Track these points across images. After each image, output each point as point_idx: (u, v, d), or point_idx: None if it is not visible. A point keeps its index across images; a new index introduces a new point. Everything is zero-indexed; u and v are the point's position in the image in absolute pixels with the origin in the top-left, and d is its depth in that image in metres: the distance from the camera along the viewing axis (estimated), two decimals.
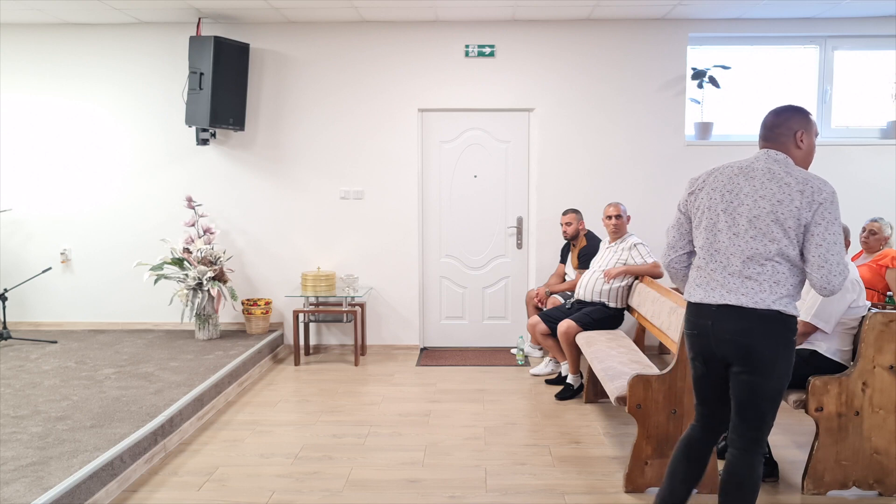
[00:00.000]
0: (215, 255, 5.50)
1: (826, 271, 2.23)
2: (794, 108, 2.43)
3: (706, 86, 5.59)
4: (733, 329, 2.32)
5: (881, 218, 4.62)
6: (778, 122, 2.42)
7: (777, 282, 2.29)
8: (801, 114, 2.42)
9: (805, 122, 2.41)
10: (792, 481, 3.26)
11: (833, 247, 2.23)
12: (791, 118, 2.41)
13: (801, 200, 2.26)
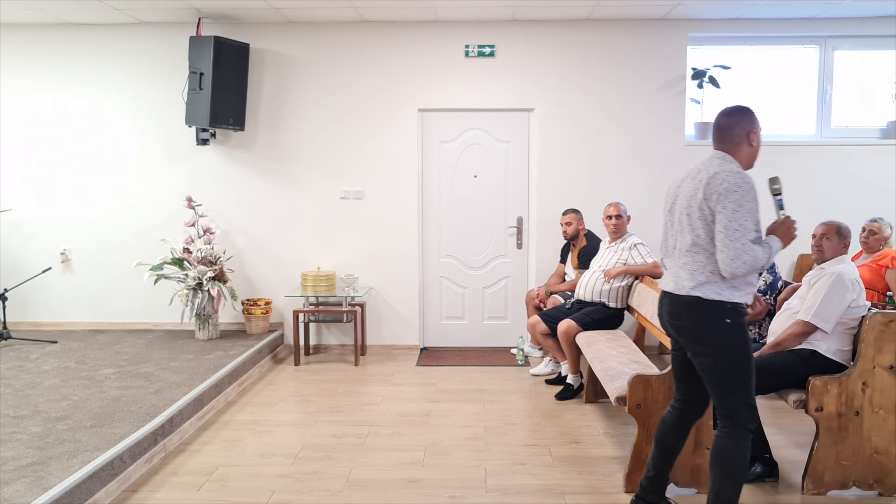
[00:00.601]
0: (215, 255, 5.50)
1: (725, 255, 2.44)
2: (743, 109, 2.65)
3: (706, 86, 5.59)
4: (668, 313, 2.69)
5: (881, 218, 4.62)
6: (731, 123, 2.62)
7: (695, 270, 2.56)
8: (750, 114, 2.64)
9: (754, 121, 2.64)
10: (792, 481, 3.26)
11: (733, 233, 2.43)
12: (743, 119, 2.62)
13: (704, 192, 2.51)
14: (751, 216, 2.45)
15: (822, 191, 5.70)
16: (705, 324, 2.55)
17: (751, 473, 3.24)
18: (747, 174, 2.51)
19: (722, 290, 2.53)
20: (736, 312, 2.54)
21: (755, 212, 2.47)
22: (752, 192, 2.46)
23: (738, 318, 2.55)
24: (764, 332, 3.97)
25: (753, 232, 2.46)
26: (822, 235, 3.32)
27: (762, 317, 3.99)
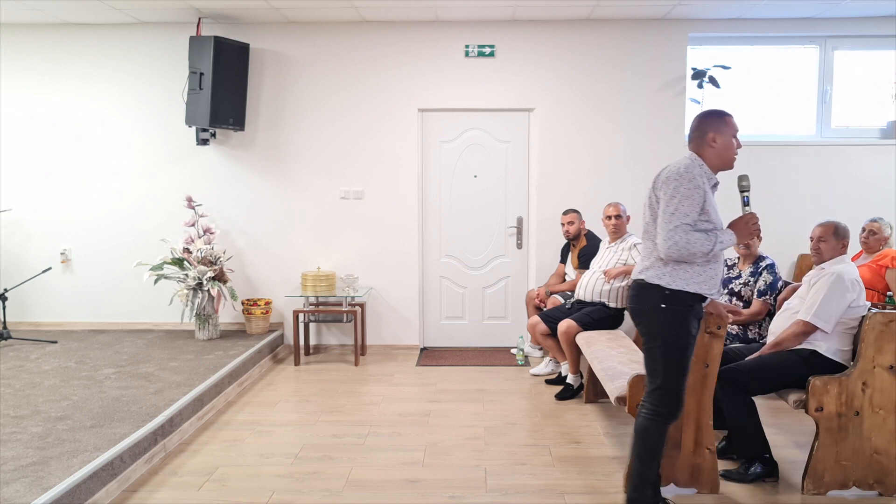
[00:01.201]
0: (215, 255, 5.50)
1: (659, 237, 2.65)
2: (710, 113, 2.77)
3: (706, 86, 5.59)
4: (626, 297, 2.92)
5: (881, 218, 4.63)
6: (695, 125, 2.78)
7: (645, 255, 2.79)
8: (714, 116, 2.76)
9: (717, 123, 2.74)
10: (792, 481, 3.26)
11: (668, 217, 2.62)
12: (704, 122, 2.76)
13: (654, 183, 2.75)
14: (688, 202, 2.60)
15: (822, 191, 5.70)
16: (642, 305, 2.74)
17: (751, 473, 3.24)
18: (693, 167, 2.66)
19: (662, 275, 2.68)
20: (675, 299, 2.67)
21: (694, 199, 2.60)
22: (691, 181, 2.61)
23: (675, 306, 2.67)
24: (764, 332, 3.97)
25: (689, 217, 2.60)
26: (820, 237, 3.32)
27: (762, 317, 3.99)
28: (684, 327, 2.68)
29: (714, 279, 2.72)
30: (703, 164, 2.72)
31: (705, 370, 3.07)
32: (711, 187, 2.73)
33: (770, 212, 5.63)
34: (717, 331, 3.03)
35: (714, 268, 2.72)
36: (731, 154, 2.75)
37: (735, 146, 2.76)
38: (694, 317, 2.73)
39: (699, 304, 2.74)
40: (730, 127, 2.75)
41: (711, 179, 2.74)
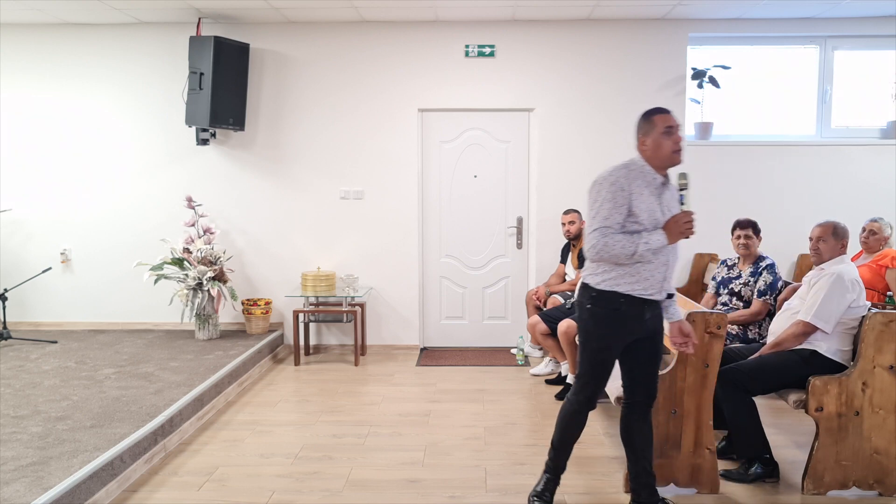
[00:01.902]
0: (215, 255, 5.50)
1: (585, 241, 2.72)
2: (641, 115, 2.82)
3: (706, 86, 5.59)
4: None
5: (881, 218, 4.63)
6: (636, 126, 2.85)
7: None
8: (642, 118, 2.81)
9: (644, 125, 2.78)
10: (792, 481, 3.26)
11: (591, 221, 2.70)
12: (637, 124, 2.82)
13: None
14: (609, 205, 2.63)
15: (822, 191, 5.70)
16: (581, 303, 2.84)
17: (751, 474, 3.24)
18: (619, 170, 2.68)
19: (593, 275, 2.76)
20: (601, 300, 2.72)
21: (616, 202, 2.62)
22: (613, 184, 2.63)
23: (597, 306, 2.73)
24: (764, 332, 3.97)
25: (609, 220, 2.63)
26: (819, 238, 3.32)
27: (762, 317, 3.99)
28: (604, 328, 2.73)
29: (649, 280, 2.68)
30: (644, 166, 2.72)
31: (705, 370, 3.07)
32: (659, 186, 2.70)
33: (770, 212, 5.63)
34: (717, 331, 3.04)
35: (648, 269, 2.68)
36: (666, 151, 2.70)
37: (670, 142, 2.70)
38: (623, 318, 2.71)
39: (635, 306, 2.70)
40: (657, 125, 2.72)
41: (654, 179, 2.70)
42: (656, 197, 2.69)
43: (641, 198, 2.65)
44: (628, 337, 2.76)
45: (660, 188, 2.71)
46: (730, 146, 5.72)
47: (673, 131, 2.71)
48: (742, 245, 4.14)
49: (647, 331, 2.76)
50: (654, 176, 2.70)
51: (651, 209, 2.65)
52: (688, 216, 2.64)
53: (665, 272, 2.73)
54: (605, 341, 2.75)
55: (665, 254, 2.69)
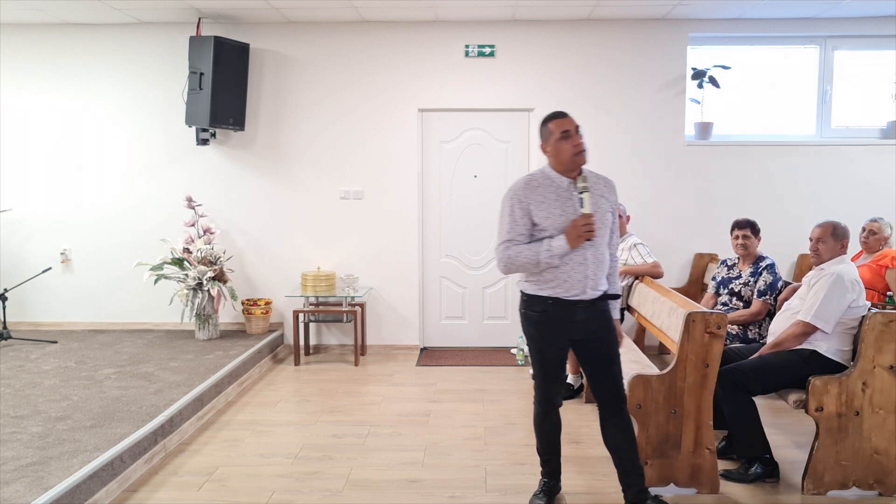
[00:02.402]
0: (215, 255, 5.50)
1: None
2: (545, 117, 2.79)
3: (706, 86, 5.59)
4: None
5: (881, 218, 4.62)
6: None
7: None
8: (541, 125, 2.80)
9: (542, 131, 2.80)
10: (792, 481, 3.26)
11: (497, 236, 2.81)
12: (539, 128, 2.82)
13: None
14: (508, 218, 2.74)
15: (822, 191, 5.70)
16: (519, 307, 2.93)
17: (751, 474, 3.24)
18: (517, 182, 2.77)
19: (524, 282, 2.84)
20: (531, 304, 2.82)
21: (514, 214, 2.72)
22: (511, 198, 2.73)
23: (530, 310, 2.83)
24: (764, 332, 3.97)
25: (509, 233, 2.73)
26: (818, 239, 3.33)
27: (762, 317, 3.99)
28: (537, 330, 2.81)
29: (569, 282, 2.72)
30: (548, 173, 2.77)
31: (705, 370, 3.07)
32: (566, 190, 2.73)
33: (770, 212, 5.63)
34: (717, 331, 3.04)
35: (566, 271, 2.72)
36: (566, 155, 2.72)
37: (569, 146, 2.71)
38: (552, 320, 2.78)
39: (562, 307, 2.75)
40: (553, 131, 2.74)
41: (561, 185, 2.74)
42: (562, 202, 2.72)
43: (542, 206, 2.71)
44: (563, 337, 2.81)
45: (568, 192, 2.74)
46: (730, 146, 5.72)
47: (570, 135, 2.71)
48: (740, 245, 4.14)
49: (584, 332, 2.80)
50: (561, 181, 2.75)
51: (552, 215, 2.70)
52: (585, 220, 2.66)
53: (585, 272, 2.73)
54: (541, 343, 2.83)
55: (581, 254, 2.71)
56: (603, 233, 2.78)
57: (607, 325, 2.86)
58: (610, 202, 2.85)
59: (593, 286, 2.75)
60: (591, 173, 2.83)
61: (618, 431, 2.85)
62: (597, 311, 2.81)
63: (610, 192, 2.88)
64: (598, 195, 2.79)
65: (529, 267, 2.71)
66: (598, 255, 2.76)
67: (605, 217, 2.80)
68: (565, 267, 2.70)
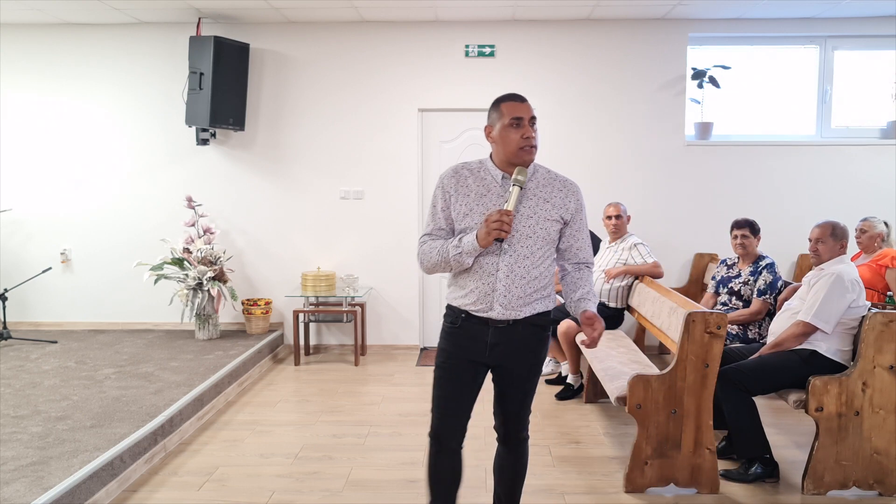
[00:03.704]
0: (215, 255, 5.50)
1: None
2: (495, 100, 2.51)
3: (706, 86, 5.59)
4: None
5: (871, 217, 4.65)
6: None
7: None
8: (492, 105, 2.50)
9: (491, 112, 2.48)
10: (792, 481, 3.26)
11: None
12: (488, 111, 2.49)
13: None
14: (431, 210, 2.41)
15: (822, 191, 5.70)
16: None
17: (751, 474, 3.24)
18: (448, 170, 2.42)
19: (447, 287, 2.47)
20: (447, 314, 2.43)
21: (435, 207, 2.39)
22: (436, 189, 2.41)
23: (445, 320, 2.43)
24: (764, 332, 3.97)
25: (429, 226, 2.40)
26: (818, 239, 3.33)
27: (762, 316, 3.99)
28: (443, 342, 2.41)
29: (475, 293, 2.30)
30: (483, 163, 2.44)
31: (705, 370, 3.07)
32: (498, 184, 2.34)
33: (770, 212, 5.63)
34: (717, 331, 3.04)
35: (468, 278, 2.31)
36: (513, 146, 2.34)
37: (517, 136, 2.35)
38: (459, 335, 2.36)
39: (474, 324, 2.33)
40: (504, 114, 2.38)
41: (493, 178, 2.37)
42: (489, 198, 2.32)
43: (465, 200, 2.33)
44: (463, 356, 2.36)
45: (499, 187, 2.34)
46: (730, 146, 5.72)
47: (521, 123, 2.36)
48: (739, 245, 4.14)
49: (494, 358, 2.35)
50: (496, 174, 2.37)
51: (472, 212, 2.30)
52: (501, 214, 2.18)
53: (494, 284, 2.28)
54: (443, 358, 2.39)
55: (492, 262, 2.27)
56: (534, 243, 2.28)
57: (526, 357, 2.39)
58: (559, 209, 2.32)
59: (506, 304, 2.28)
60: (547, 173, 2.41)
61: (509, 466, 2.56)
62: (516, 338, 2.33)
63: (565, 197, 2.34)
64: (540, 198, 2.31)
65: (441, 265, 2.33)
66: (517, 267, 2.27)
67: (545, 225, 2.29)
68: (469, 273, 2.31)
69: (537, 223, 2.29)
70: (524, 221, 2.28)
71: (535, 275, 2.29)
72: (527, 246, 2.27)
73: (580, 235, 2.39)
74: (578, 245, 2.39)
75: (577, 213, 2.36)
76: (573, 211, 2.35)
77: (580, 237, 2.39)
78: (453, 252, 2.28)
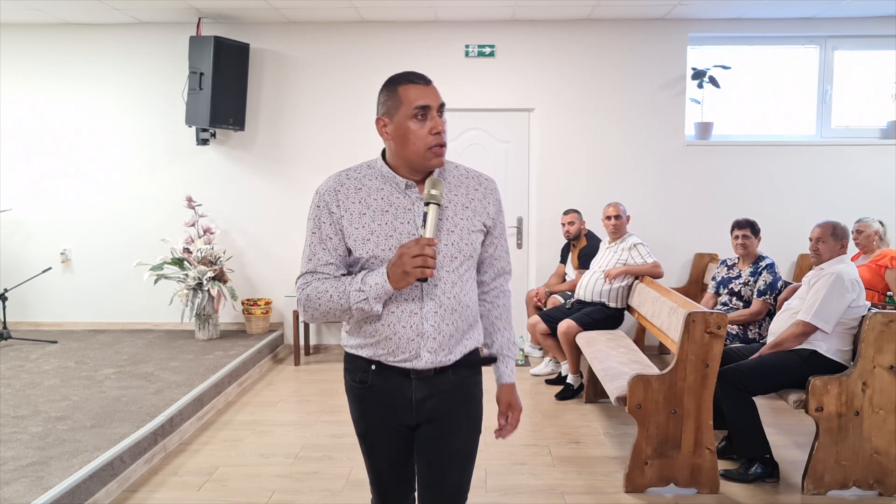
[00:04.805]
0: (215, 255, 5.50)
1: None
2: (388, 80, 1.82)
3: (706, 86, 5.59)
4: None
5: (865, 217, 4.66)
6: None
7: None
8: (383, 90, 1.80)
9: (381, 100, 1.79)
10: (792, 481, 3.26)
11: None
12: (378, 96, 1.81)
13: None
14: (311, 237, 1.76)
15: (822, 191, 5.70)
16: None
17: (751, 474, 3.24)
18: (329, 180, 1.78)
19: (343, 332, 1.87)
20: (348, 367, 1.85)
21: (320, 232, 1.74)
22: (315, 208, 1.76)
23: (347, 378, 1.85)
24: (764, 332, 3.97)
25: (312, 260, 1.75)
26: (818, 239, 3.33)
27: (762, 317, 3.99)
28: (355, 408, 1.86)
29: (391, 340, 1.73)
30: (379, 165, 1.81)
31: (705, 370, 3.07)
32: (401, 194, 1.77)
33: (770, 212, 5.62)
34: (717, 331, 3.04)
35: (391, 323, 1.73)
36: (419, 145, 1.76)
37: (424, 131, 1.78)
38: (373, 394, 1.80)
39: (390, 377, 1.78)
40: (403, 101, 1.75)
41: (394, 185, 1.78)
42: (393, 213, 1.74)
43: (361, 220, 1.73)
44: (385, 421, 1.82)
45: (404, 198, 1.77)
46: (730, 146, 5.72)
47: (428, 114, 1.78)
48: (740, 245, 4.14)
49: (421, 416, 1.81)
50: (397, 180, 1.78)
51: (375, 234, 1.72)
52: (421, 245, 1.61)
53: (420, 326, 1.73)
54: (359, 427, 1.87)
55: (414, 297, 1.71)
56: (461, 264, 1.76)
57: (460, 408, 1.87)
58: (481, 214, 1.82)
59: (436, 348, 1.75)
60: (456, 168, 1.92)
61: None
62: (446, 388, 1.81)
63: (483, 198, 1.85)
64: (458, 204, 1.80)
65: (336, 314, 1.71)
66: (446, 299, 1.74)
67: (469, 239, 1.78)
68: (387, 316, 1.72)
69: (461, 237, 1.76)
70: (445, 238, 1.74)
71: (466, 303, 1.78)
72: (453, 270, 1.74)
73: (501, 242, 1.89)
74: (499, 253, 1.90)
75: (497, 215, 1.86)
76: (493, 213, 1.85)
77: (500, 244, 1.89)
78: (356, 299, 1.68)
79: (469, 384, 1.89)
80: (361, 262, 1.74)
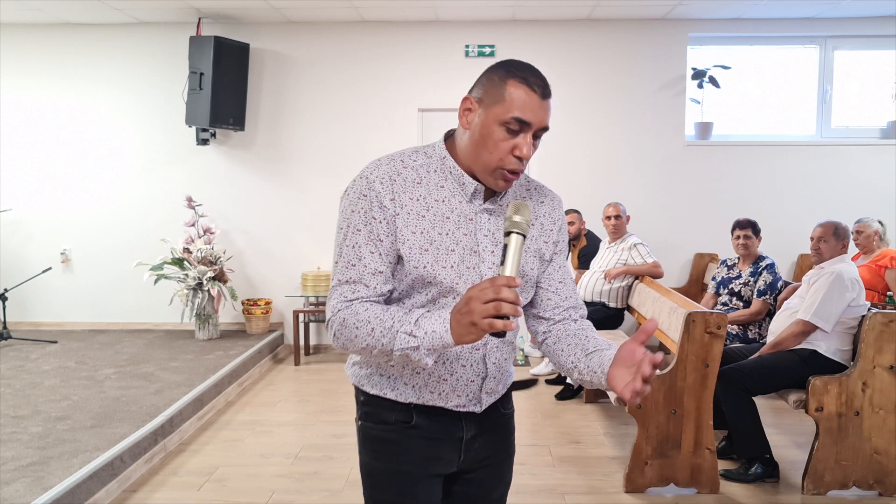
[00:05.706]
0: (215, 255, 5.49)
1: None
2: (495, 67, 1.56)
3: (706, 86, 5.59)
4: None
5: (864, 217, 4.66)
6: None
7: None
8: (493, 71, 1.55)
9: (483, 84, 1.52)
10: (792, 481, 3.26)
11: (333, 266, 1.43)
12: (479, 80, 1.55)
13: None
14: (352, 234, 1.37)
15: (822, 191, 5.70)
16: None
17: (751, 474, 3.24)
18: (381, 163, 1.48)
19: (355, 363, 1.52)
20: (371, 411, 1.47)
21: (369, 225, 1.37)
22: (359, 197, 1.39)
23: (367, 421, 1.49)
24: (764, 332, 3.97)
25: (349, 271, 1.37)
26: (820, 238, 3.33)
27: (762, 317, 3.99)
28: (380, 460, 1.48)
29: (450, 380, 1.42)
30: (441, 153, 1.51)
31: (705, 370, 3.07)
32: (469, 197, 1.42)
33: (770, 212, 5.62)
34: (717, 331, 3.04)
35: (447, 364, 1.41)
36: (493, 158, 1.37)
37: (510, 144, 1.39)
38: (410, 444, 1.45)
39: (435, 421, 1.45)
40: (506, 101, 1.45)
41: (462, 184, 1.43)
42: (456, 220, 1.40)
43: (419, 223, 1.38)
44: (432, 469, 1.47)
45: (468, 204, 1.42)
46: (730, 146, 5.72)
47: (524, 130, 1.42)
48: (741, 245, 4.14)
49: (468, 461, 1.50)
50: (463, 180, 1.43)
51: (429, 246, 1.37)
52: (498, 287, 1.17)
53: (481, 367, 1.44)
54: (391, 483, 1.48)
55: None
56: (522, 290, 1.46)
57: (507, 447, 1.59)
58: (546, 233, 1.51)
59: (494, 387, 1.48)
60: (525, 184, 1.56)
61: None
62: (492, 424, 1.53)
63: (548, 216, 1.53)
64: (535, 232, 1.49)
65: (374, 353, 1.32)
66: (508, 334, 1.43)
67: (531, 262, 1.48)
68: (446, 352, 1.40)
69: (526, 260, 1.46)
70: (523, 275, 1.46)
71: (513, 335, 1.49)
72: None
73: (566, 271, 1.56)
74: (569, 283, 1.55)
75: (563, 236, 1.56)
76: (556, 237, 1.53)
77: (566, 272, 1.55)
78: (402, 344, 1.27)
79: (510, 416, 1.59)
80: (409, 278, 1.37)
